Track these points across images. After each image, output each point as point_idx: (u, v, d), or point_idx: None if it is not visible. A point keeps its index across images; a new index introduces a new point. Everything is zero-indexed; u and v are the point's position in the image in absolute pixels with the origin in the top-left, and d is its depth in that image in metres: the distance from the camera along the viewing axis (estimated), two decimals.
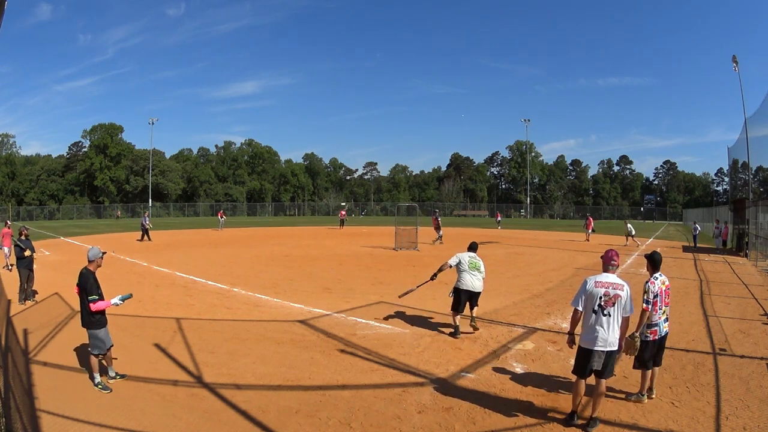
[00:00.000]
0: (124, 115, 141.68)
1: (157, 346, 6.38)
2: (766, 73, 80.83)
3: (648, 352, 4.64)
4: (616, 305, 4.14)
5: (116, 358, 5.48)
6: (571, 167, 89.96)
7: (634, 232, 24.13)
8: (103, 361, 5.24)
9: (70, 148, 77.37)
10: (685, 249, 22.35)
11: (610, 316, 4.13)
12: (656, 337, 4.65)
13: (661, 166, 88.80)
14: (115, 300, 5.25)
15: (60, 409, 4.33)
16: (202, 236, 29.05)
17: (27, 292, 9.05)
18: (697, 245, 23.43)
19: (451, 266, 7.25)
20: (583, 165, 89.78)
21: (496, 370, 5.56)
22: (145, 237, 23.98)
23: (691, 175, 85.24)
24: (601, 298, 4.17)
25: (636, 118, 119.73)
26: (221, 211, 43.45)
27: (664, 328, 4.72)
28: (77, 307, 8.46)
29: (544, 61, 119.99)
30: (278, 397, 4.80)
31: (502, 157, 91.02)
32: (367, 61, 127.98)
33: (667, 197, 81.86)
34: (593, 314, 4.17)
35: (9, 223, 10.72)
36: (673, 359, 5.94)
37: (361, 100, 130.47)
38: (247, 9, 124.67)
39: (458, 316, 7.00)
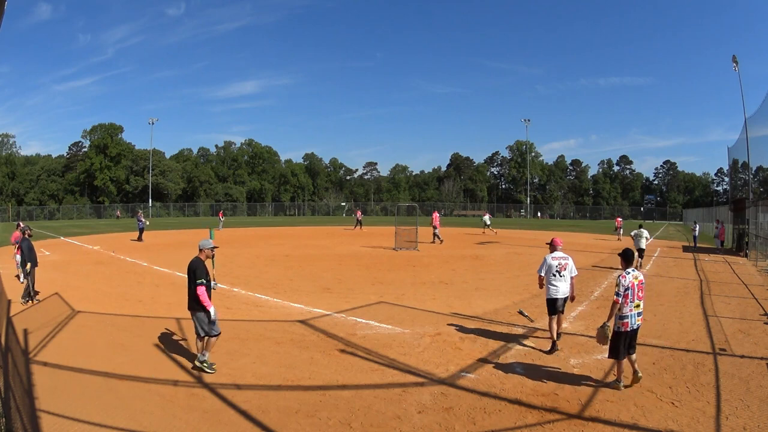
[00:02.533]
0: (124, 115, 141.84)
1: (157, 346, 6.38)
2: (766, 73, 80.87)
3: (621, 342, 4.95)
4: (566, 270, 6.37)
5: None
6: (571, 167, 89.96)
7: (489, 223, 30.71)
8: (201, 344, 5.54)
9: (70, 148, 77.51)
10: (685, 249, 22.34)
11: (563, 276, 6.35)
12: (628, 329, 4.97)
13: (661, 166, 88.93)
14: (213, 310, 5.41)
15: (60, 409, 4.33)
16: (202, 236, 29.04)
17: (30, 293, 9.02)
18: (697, 245, 23.44)
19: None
20: (583, 165, 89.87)
21: (496, 370, 5.56)
22: (141, 237, 24.01)
23: (691, 175, 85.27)
24: (556, 266, 6.35)
25: (636, 118, 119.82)
26: (221, 212, 43.53)
27: (637, 321, 5.02)
28: (77, 307, 8.53)
29: (544, 61, 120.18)
30: (278, 397, 4.79)
31: (502, 157, 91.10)
32: (367, 61, 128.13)
33: (667, 197, 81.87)
34: (553, 276, 6.35)
35: (22, 225, 10.54)
36: (673, 359, 5.94)
37: (361, 100, 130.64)
38: (247, 9, 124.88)
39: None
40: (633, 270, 5.08)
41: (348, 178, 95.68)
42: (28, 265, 9.01)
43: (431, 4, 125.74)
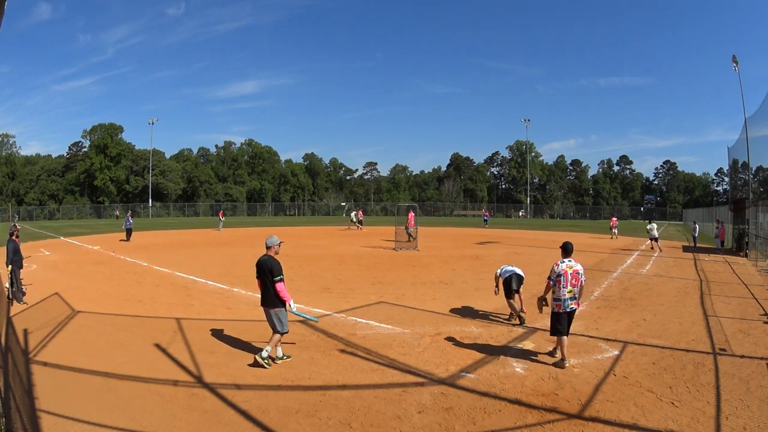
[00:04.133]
0: (124, 115, 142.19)
1: (157, 346, 6.38)
2: (766, 73, 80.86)
3: (558, 322, 5.69)
4: (513, 265, 8.07)
5: (293, 343, 6.14)
6: (571, 167, 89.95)
7: (355, 220, 33.66)
8: (285, 339, 5.77)
9: (70, 148, 77.56)
10: (685, 249, 22.34)
11: (513, 267, 7.91)
12: (561, 310, 5.68)
13: (661, 166, 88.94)
14: (293, 303, 5.70)
15: (60, 409, 4.33)
16: (202, 236, 29.05)
17: (16, 293, 8.98)
18: (697, 245, 23.44)
19: None
20: (583, 165, 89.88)
21: (496, 370, 5.56)
22: (129, 237, 23.95)
23: (691, 175, 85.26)
24: (508, 267, 7.99)
25: (636, 118, 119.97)
26: (221, 212, 43.54)
27: (571, 304, 5.71)
28: (77, 307, 8.53)
29: (544, 61, 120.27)
30: (278, 397, 4.79)
31: (502, 157, 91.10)
32: (367, 61, 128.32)
33: (667, 197, 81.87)
34: (505, 266, 8.02)
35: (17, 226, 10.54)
36: (673, 359, 5.94)
37: (361, 100, 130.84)
38: (247, 9, 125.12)
39: None
40: (569, 260, 5.83)
41: (348, 178, 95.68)
42: (10, 267, 8.99)
43: (431, 4, 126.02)
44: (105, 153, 70.68)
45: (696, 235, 24.47)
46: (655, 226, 21.61)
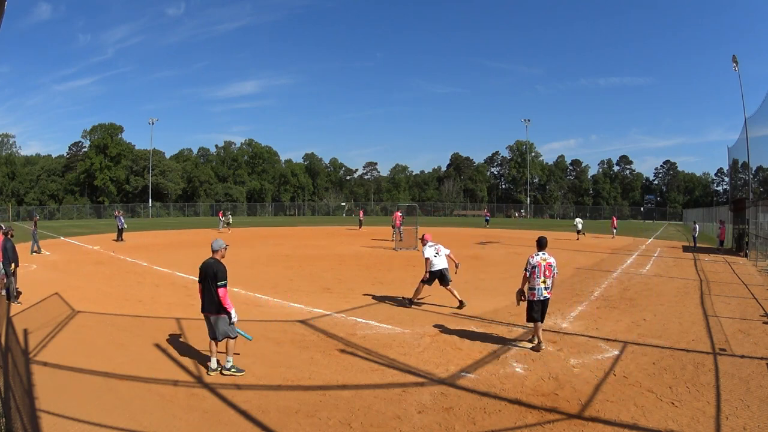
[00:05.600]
0: (124, 115, 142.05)
1: (157, 346, 6.38)
2: (766, 73, 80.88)
3: (533, 309, 6.19)
4: (440, 252, 8.78)
5: (237, 354, 5.83)
6: (571, 167, 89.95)
7: (230, 222, 34.33)
8: (215, 347, 5.51)
9: (70, 148, 77.52)
10: (685, 249, 22.34)
11: (440, 256, 8.73)
12: (535, 298, 6.19)
13: (661, 166, 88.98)
14: (234, 313, 5.47)
15: (60, 409, 4.33)
16: (202, 236, 29.03)
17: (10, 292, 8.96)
18: (697, 245, 23.44)
19: None
20: (583, 165, 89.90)
21: (496, 370, 5.56)
22: (120, 237, 23.85)
23: (691, 175, 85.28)
24: (434, 251, 8.76)
25: (636, 118, 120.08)
26: (221, 212, 43.53)
27: (544, 293, 6.21)
28: (77, 307, 8.52)
29: (544, 61, 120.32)
30: (278, 397, 4.79)
31: (502, 157, 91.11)
32: (367, 61, 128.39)
33: (667, 197, 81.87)
34: (434, 258, 8.66)
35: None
36: (673, 359, 5.94)
37: (361, 100, 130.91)
38: (247, 9, 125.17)
39: None
40: (543, 253, 6.32)
41: (348, 178, 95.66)
42: (12, 266, 8.98)
43: (431, 4, 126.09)
44: (105, 153, 70.64)
45: (696, 235, 24.49)
46: (580, 221, 28.42)
